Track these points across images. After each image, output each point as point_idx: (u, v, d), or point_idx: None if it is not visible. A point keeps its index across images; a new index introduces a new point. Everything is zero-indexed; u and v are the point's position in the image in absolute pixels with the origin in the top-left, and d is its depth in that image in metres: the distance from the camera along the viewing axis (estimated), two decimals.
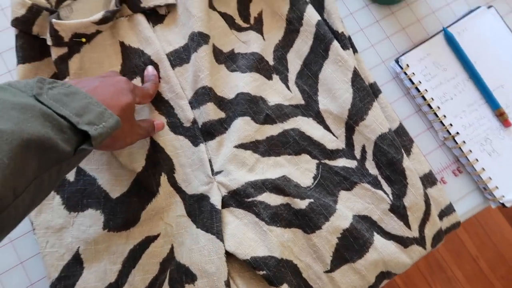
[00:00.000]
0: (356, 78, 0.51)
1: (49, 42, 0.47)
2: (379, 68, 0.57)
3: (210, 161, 0.49)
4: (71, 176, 0.48)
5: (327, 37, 0.52)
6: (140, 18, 0.51)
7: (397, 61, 0.56)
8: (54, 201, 0.47)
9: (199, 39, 0.50)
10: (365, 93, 0.51)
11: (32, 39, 0.48)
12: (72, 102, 0.34)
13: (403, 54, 0.56)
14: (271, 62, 0.54)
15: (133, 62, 0.51)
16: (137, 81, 0.51)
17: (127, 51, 0.51)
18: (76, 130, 0.33)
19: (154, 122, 0.49)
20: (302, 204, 0.47)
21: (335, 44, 0.52)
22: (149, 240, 0.48)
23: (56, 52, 0.48)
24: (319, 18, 0.53)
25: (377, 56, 0.58)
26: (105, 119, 0.35)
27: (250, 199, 0.47)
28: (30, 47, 0.48)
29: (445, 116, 0.54)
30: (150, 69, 0.50)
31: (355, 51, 0.54)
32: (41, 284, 0.47)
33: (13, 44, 0.49)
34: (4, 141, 0.28)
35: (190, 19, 0.50)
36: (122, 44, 0.51)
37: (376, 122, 0.50)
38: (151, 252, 0.47)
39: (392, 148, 0.49)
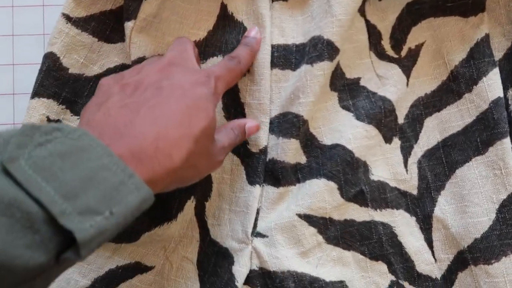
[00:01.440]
0: (511, 205, 0.34)
1: None
2: None
3: (258, 212, 0.35)
4: None
5: (498, 128, 0.34)
6: None
7: None
8: None
9: (323, 50, 0.34)
10: (511, 231, 0.34)
11: None
12: (67, 171, 0.20)
13: None
14: (400, 120, 0.37)
15: (225, 36, 0.37)
16: (215, 60, 0.37)
17: (225, 20, 0.36)
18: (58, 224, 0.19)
19: (245, 125, 0.33)
20: None
21: (506, 144, 0.34)
22: (138, 269, 0.36)
23: None
24: (501, 95, 0.35)
25: None
26: (121, 196, 0.20)
27: None
28: None
29: None
30: (253, 32, 0.35)
31: None
32: None
33: None
34: None
35: (326, 17, 0.34)
36: (223, 7, 0.37)
37: (506, 278, 0.33)
38: (133, 286, 0.35)
39: None
